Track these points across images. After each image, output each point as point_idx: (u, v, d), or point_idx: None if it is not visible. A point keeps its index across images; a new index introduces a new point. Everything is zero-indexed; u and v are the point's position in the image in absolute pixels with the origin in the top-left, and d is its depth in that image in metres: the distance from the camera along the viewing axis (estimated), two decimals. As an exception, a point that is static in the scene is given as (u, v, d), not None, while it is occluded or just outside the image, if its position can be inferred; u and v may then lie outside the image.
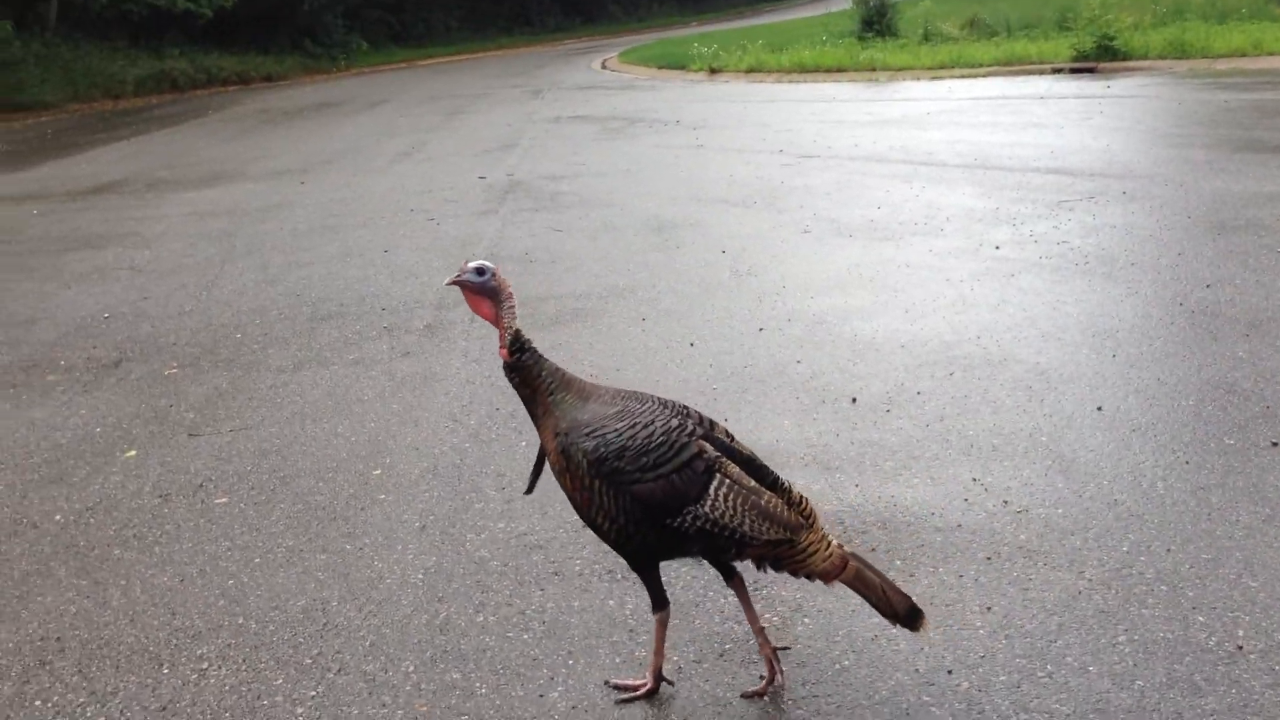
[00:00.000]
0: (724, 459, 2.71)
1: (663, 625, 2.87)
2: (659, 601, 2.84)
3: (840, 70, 21.55)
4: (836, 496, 3.96)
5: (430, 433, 4.85)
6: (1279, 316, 5.38)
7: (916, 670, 2.95)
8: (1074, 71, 18.56)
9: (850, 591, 2.82)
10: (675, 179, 10.82)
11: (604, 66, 29.80)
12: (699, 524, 2.65)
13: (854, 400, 4.83)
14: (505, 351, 2.86)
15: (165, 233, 9.89)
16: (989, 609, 3.20)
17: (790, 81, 21.21)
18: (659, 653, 2.91)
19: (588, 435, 2.70)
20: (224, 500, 4.36)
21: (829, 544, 2.73)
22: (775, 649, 2.96)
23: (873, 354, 5.38)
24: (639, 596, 3.39)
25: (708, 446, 2.70)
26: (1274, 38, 17.79)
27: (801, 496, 2.78)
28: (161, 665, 3.29)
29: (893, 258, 7.10)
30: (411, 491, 4.30)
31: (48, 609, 3.65)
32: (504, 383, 5.26)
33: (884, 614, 2.74)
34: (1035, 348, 5.27)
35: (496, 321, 2.88)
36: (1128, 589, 3.24)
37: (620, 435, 2.68)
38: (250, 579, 3.74)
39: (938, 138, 12.01)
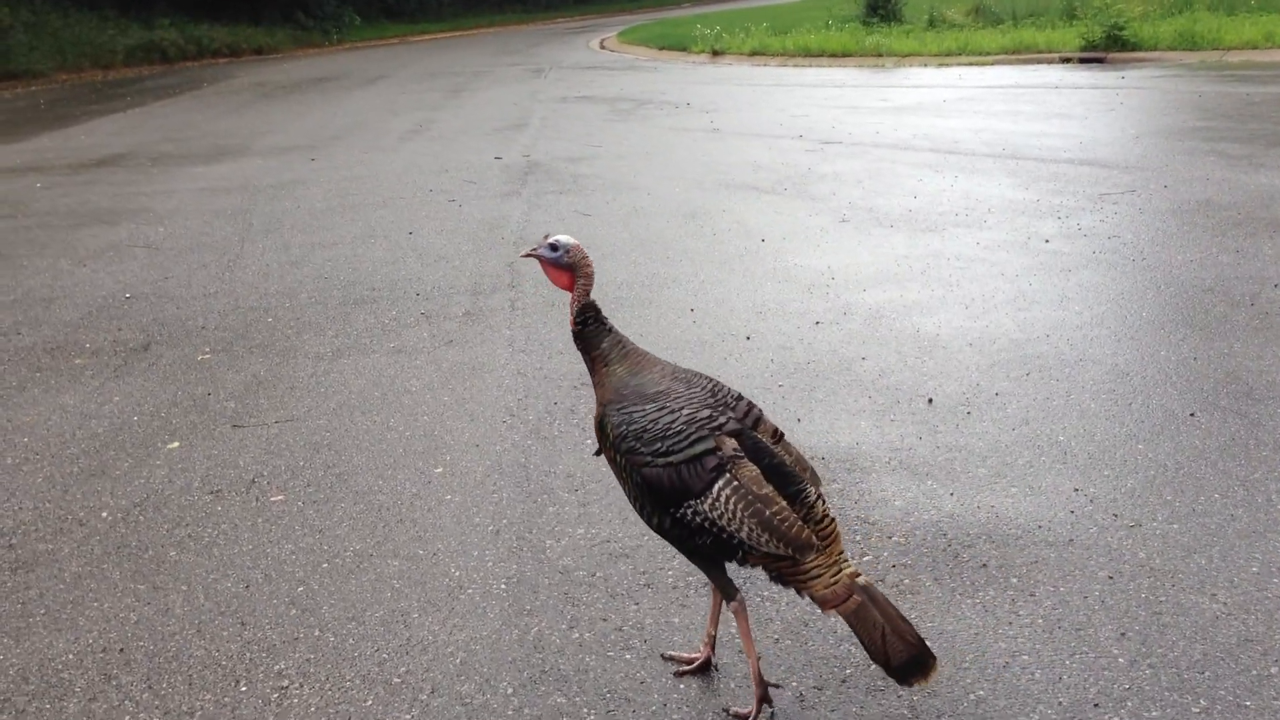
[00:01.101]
0: (742, 460, 2.58)
1: (741, 616, 2.75)
2: (726, 591, 2.74)
3: (846, 55, 21.35)
4: (934, 505, 3.77)
5: (488, 428, 4.64)
6: (1359, 320, 5.22)
7: (1060, 703, 2.76)
8: (1083, 61, 18.40)
9: (968, 610, 2.61)
10: (697, 163, 10.58)
11: (602, 46, 29.52)
12: (698, 519, 2.58)
13: (930, 401, 4.64)
14: (574, 322, 2.90)
15: (178, 209, 9.62)
16: (1123, 635, 3.01)
17: (795, 66, 20.98)
18: (750, 650, 2.78)
19: (618, 410, 2.72)
20: (280, 498, 4.14)
21: (838, 570, 2.56)
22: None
23: (940, 351, 5.19)
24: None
25: (727, 444, 2.59)
26: (1287, 30, 17.65)
27: (825, 515, 2.61)
28: (238, 682, 3.07)
29: (940, 250, 6.90)
30: (478, 492, 4.09)
31: (106, 616, 3.42)
32: (559, 375, 5.12)
33: (874, 658, 2.53)
34: (1109, 348, 5.09)
35: (573, 293, 2.93)
36: (1268, 614, 3.06)
37: (645, 416, 2.66)
38: (320, 586, 3.52)
39: (960, 126, 11.83)
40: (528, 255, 2.97)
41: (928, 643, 2.56)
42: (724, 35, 24.34)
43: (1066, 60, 18.55)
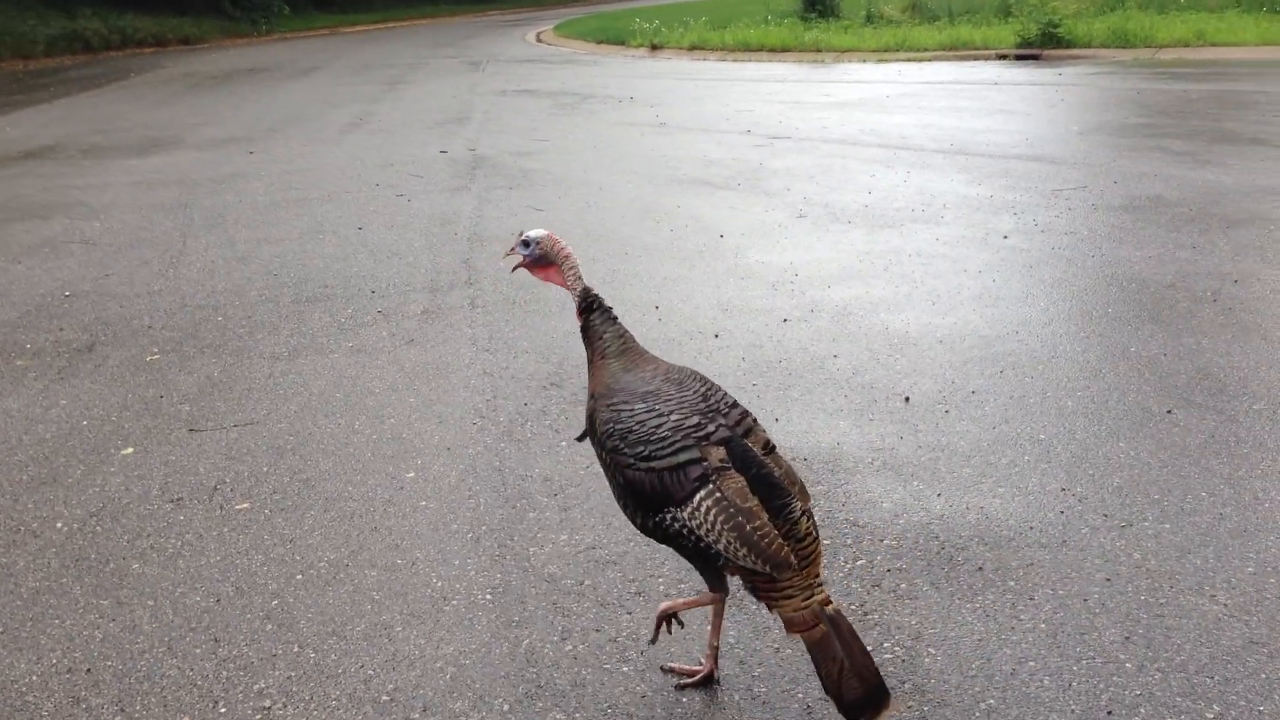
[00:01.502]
0: (728, 472, 2.52)
1: (719, 606, 2.80)
2: (714, 585, 2.73)
3: (785, 50, 21.41)
4: (922, 507, 3.71)
5: (459, 431, 4.51)
6: (1321, 316, 5.27)
7: (1072, 711, 2.71)
8: (1019, 58, 18.62)
9: (969, 616, 2.56)
10: (647, 158, 10.48)
11: (539, 39, 29.33)
12: (677, 525, 2.55)
13: (907, 400, 4.60)
14: (579, 313, 2.89)
15: (113, 203, 9.32)
16: (1128, 638, 2.97)
17: (735, 60, 20.99)
18: (715, 634, 2.84)
19: (608, 406, 2.69)
20: (245, 506, 3.97)
21: (810, 595, 2.49)
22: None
23: (911, 348, 5.14)
24: (741, 622, 3.12)
25: (714, 455, 2.53)
26: (1215, 28, 18.01)
27: (809, 533, 2.53)
28: (216, 703, 2.92)
29: (901, 246, 6.88)
30: (453, 498, 3.96)
31: (69, 634, 3.25)
32: (526, 376, 5.01)
33: (827, 690, 2.47)
34: (1079, 344, 5.08)
35: (565, 285, 2.92)
36: (1270, 616, 3.04)
37: (633, 416, 2.62)
38: (296, 599, 3.38)
39: (906, 121, 11.86)
40: (515, 269, 3.00)
41: (887, 681, 2.54)
42: (663, 29, 24.27)
43: (1003, 57, 18.76)
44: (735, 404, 2.69)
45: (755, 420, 2.69)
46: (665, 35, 23.94)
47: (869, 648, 2.76)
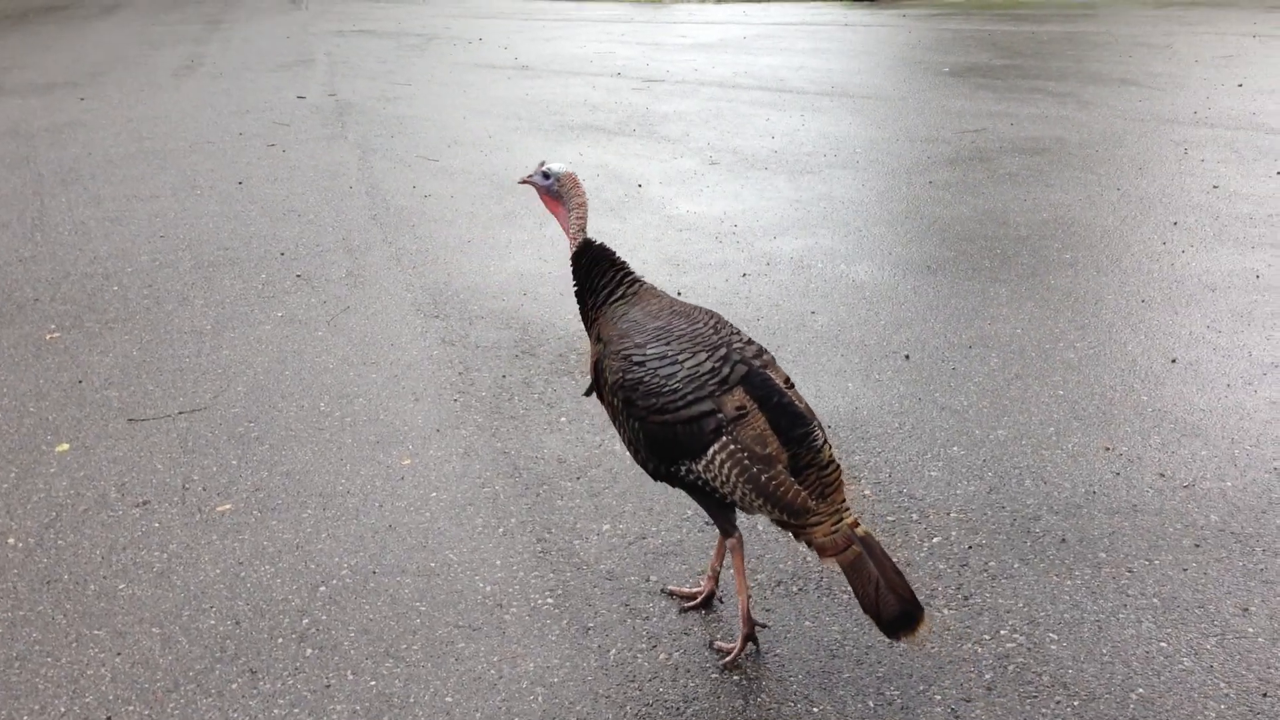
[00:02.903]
0: (743, 421, 2.44)
1: (737, 553, 2.69)
2: (724, 528, 2.68)
3: (621, -11, 20.95)
4: (973, 475, 3.55)
5: (441, 409, 4.11)
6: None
7: (1228, 696, 2.57)
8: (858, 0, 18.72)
9: (1076, 594, 2.59)
10: (524, 103, 10.02)
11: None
12: (691, 477, 2.52)
13: (907, 358, 4.42)
14: (573, 258, 2.83)
15: (-60, 158, 8.33)
16: (1246, 610, 2.86)
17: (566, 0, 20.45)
18: (742, 589, 2.71)
19: (618, 354, 2.60)
20: (228, 507, 3.51)
21: (839, 519, 2.44)
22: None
23: (886, 303, 4.98)
24: (836, 614, 2.88)
25: (729, 404, 2.46)
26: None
27: (831, 459, 2.50)
28: (282, 750, 2.52)
29: (829, 193, 6.72)
30: (463, 486, 3.59)
31: (71, 675, 2.78)
32: (490, 344, 4.65)
33: (866, 610, 2.41)
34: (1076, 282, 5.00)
35: (565, 226, 2.86)
36: (1374, 575, 2.98)
37: (644, 366, 2.54)
38: (329, 616, 2.97)
39: (777, 64, 11.71)
40: (523, 182, 2.91)
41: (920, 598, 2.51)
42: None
43: (842, -2, 18.81)
44: (751, 340, 2.63)
45: (773, 358, 2.62)
46: (494, -27, 23.14)
47: (983, 634, 2.75)
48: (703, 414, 2.45)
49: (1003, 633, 2.81)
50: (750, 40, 13.72)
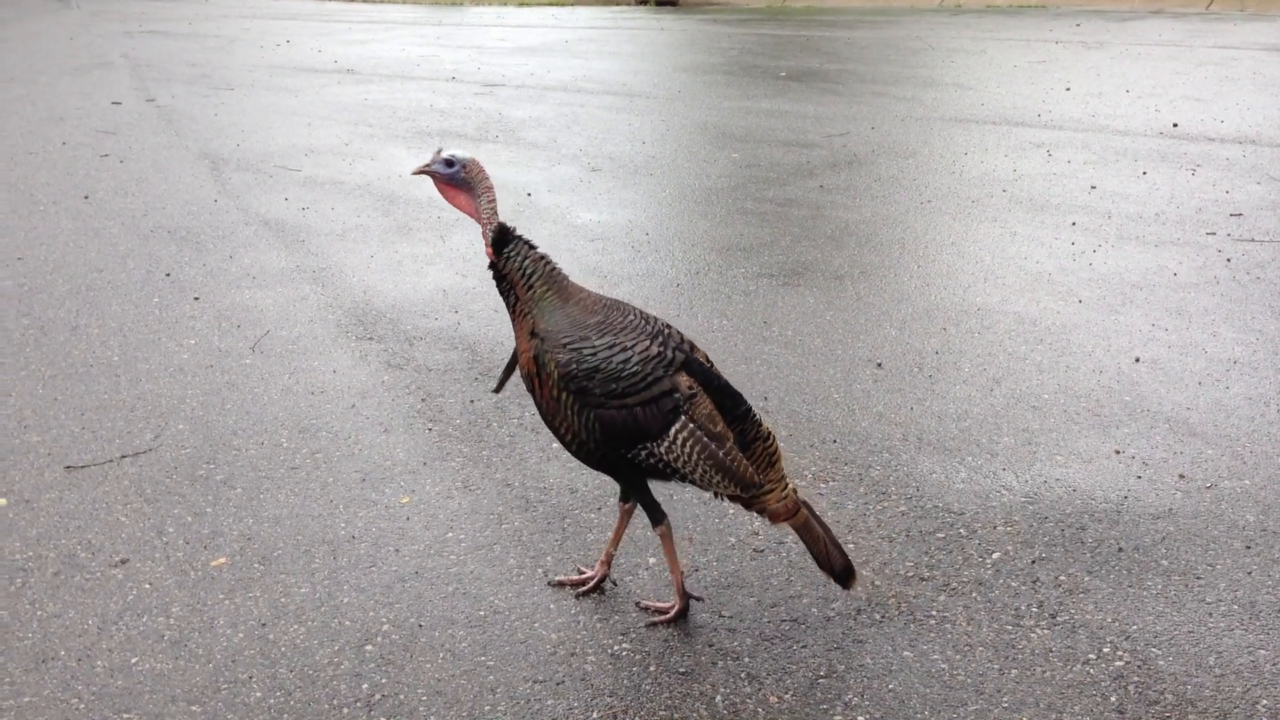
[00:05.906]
0: (695, 400, 2.57)
1: (667, 539, 2.79)
2: (655, 516, 2.77)
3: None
4: (999, 485, 3.51)
5: (416, 440, 3.83)
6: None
7: (1306, 696, 2.60)
8: (660, 4, 18.93)
9: (1158, 604, 2.51)
10: (367, 109, 9.61)
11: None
12: (651, 461, 2.59)
13: (879, 365, 4.40)
14: (490, 250, 2.70)
15: None
16: (1320, 608, 2.92)
17: (356, 1, 19.86)
18: (675, 569, 2.82)
19: (564, 346, 2.59)
20: (222, 561, 3.15)
21: (786, 485, 2.67)
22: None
23: (841, 313, 4.93)
24: (919, 638, 2.79)
25: (682, 384, 2.57)
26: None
27: (769, 433, 2.70)
28: (401, 837, 2.25)
29: (740, 206, 6.66)
30: (477, 523, 3.33)
31: (113, 773, 2.41)
32: (434, 363, 4.40)
33: (822, 567, 2.75)
34: (1002, 295, 5.09)
35: (476, 217, 2.72)
36: None
37: (596, 355, 2.56)
38: (390, 679, 2.68)
39: (611, 68, 11.70)
40: (419, 172, 2.73)
41: None
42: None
43: (643, 2, 18.95)
44: (669, 325, 2.70)
45: (692, 342, 2.72)
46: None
47: (1088, 654, 2.74)
48: (663, 393, 2.54)
49: (1105, 650, 2.76)
50: (574, 44, 13.61)
